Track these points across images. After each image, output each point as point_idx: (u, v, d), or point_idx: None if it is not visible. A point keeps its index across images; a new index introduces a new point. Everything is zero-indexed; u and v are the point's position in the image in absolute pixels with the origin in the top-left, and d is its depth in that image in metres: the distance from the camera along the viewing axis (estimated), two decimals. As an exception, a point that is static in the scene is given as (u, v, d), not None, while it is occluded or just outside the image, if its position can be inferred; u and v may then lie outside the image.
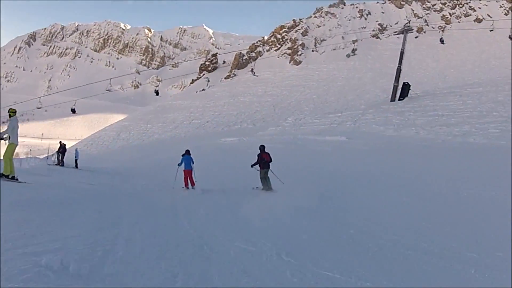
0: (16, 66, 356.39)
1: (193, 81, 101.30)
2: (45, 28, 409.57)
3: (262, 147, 12.62)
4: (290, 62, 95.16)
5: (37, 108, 37.49)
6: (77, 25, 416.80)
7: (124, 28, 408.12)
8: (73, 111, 37.08)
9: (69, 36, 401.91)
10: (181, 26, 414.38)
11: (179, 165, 13.62)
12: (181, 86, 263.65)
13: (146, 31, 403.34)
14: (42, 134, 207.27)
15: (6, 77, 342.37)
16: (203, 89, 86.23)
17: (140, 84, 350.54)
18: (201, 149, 31.21)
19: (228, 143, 32.91)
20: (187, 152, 13.80)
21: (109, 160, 37.28)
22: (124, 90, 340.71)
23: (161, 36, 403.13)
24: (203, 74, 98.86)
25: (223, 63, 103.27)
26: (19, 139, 9.90)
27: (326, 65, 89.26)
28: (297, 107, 59.26)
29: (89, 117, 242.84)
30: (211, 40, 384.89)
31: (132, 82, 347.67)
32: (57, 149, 25.01)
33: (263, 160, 12.20)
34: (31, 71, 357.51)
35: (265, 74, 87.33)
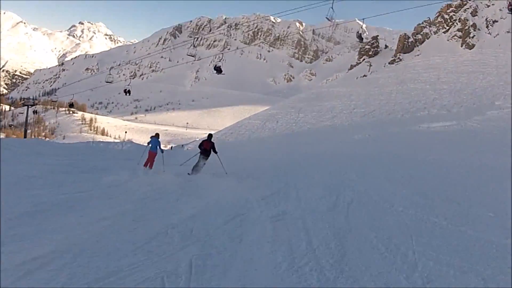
0: (162, 57, 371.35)
1: (352, 66, 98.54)
2: (191, 21, 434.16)
3: (209, 135, 13.74)
4: (462, 46, 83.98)
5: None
6: (225, 18, 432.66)
7: (274, 21, 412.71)
8: (128, 92, 30.54)
9: (217, 28, 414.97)
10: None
11: (148, 144, 14.57)
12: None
13: (298, 24, 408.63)
14: (187, 123, 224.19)
15: (150, 67, 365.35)
16: (365, 75, 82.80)
17: (293, 78, 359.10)
18: (400, 137, 25.93)
19: (439, 129, 26.99)
20: (157, 135, 14.72)
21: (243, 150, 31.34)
22: (276, 83, 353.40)
23: (313, 30, 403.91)
24: (364, 59, 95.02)
25: (385, 47, 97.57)
26: (163, 127, 9.20)
27: (502, 50, 75.84)
28: (492, 93, 50.33)
29: (239, 108, 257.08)
30: (365, 34, 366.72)
31: (285, 75, 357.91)
32: None
33: (202, 147, 13.21)
34: (177, 62, 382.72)
35: (435, 59, 78.98)
